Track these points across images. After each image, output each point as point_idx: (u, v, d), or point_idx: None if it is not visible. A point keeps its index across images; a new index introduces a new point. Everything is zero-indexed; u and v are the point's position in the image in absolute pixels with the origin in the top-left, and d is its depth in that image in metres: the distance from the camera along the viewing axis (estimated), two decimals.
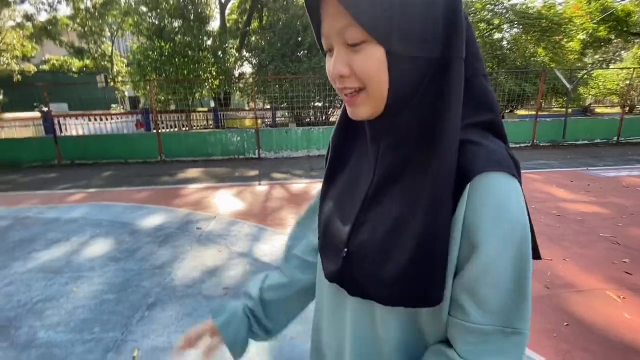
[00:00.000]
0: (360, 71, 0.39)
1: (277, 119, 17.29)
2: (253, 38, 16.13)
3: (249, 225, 3.86)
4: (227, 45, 14.90)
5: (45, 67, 26.24)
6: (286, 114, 15.15)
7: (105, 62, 25.63)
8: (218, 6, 16.48)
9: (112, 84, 25.90)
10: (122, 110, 23.43)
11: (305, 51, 12.44)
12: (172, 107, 15.42)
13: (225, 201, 4.89)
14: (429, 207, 0.38)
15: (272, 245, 3.28)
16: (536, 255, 0.43)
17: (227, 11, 17.42)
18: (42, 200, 5.23)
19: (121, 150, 8.91)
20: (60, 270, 2.87)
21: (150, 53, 13.88)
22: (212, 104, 18.31)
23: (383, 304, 0.43)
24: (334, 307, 0.52)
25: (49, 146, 8.86)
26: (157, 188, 5.91)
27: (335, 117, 11.45)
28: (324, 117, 12.62)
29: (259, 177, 6.58)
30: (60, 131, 11.41)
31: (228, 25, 17.33)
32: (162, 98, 14.88)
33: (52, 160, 8.79)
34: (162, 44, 13.85)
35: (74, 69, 25.60)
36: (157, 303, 2.36)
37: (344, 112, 0.50)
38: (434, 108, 0.39)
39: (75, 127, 13.01)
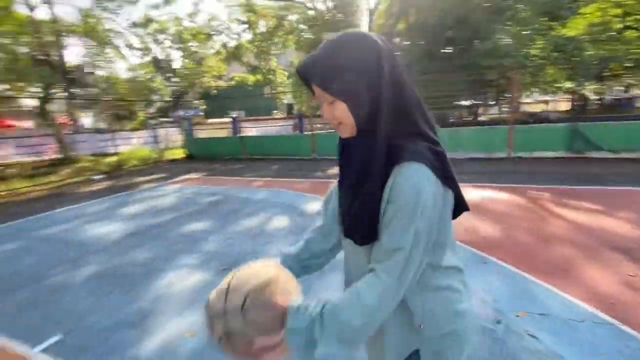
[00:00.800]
0: (337, 116, 0.70)
1: None
2: (397, 40, 16.36)
3: None
4: None
5: (232, 82, 33.87)
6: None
7: (271, 76, 31.08)
8: (367, 14, 17.46)
9: (274, 93, 31.17)
10: (281, 115, 27.93)
11: (456, 47, 11.74)
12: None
13: None
14: (369, 182, 0.67)
15: None
16: (464, 207, 0.75)
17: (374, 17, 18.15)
18: (237, 184, 6.98)
19: (285, 148, 10.77)
20: (259, 234, 3.87)
21: None
22: None
23: (357, 244, 0.72)
24: (346, 251, 0.86)
25: (237, 144, 11.58)
26: (314, 181, 6.92)
27: (484, 117, 10.37)
28: (472, 117, 11.61)
29: None
30: (241, 132, 14.72)
31: (376, 30, 18.06)
32: (314, 104, 16.96)
33: (239, 154, 11.47)
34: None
35: (249, 83, 32.14)
36: (330, 269, 2.90)
37: None
38: (374, 128, 0.67)
39: (250, 129, 16.35)
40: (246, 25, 26.47)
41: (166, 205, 5.55)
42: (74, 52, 14.60)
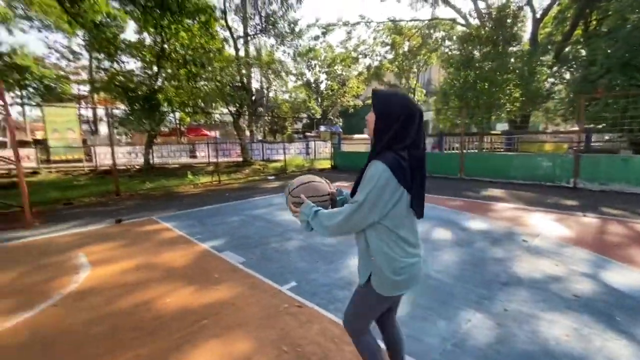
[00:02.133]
0: (369, 127, 1.39)
1: (592, 143, 13.94)
2: (568, 49, 13.98)
3: (586, 252, 3.70)
4: (538, 63, 13.90)
5: (369, 101, 35.75)
6: (611, 137, 11.92)
7: (410, 94, 31.32)
8: (531, 24, 15.66)
9: None
10: None
11: None
12: (457, 129, 16.29)
13: (545, 224, 4.85)
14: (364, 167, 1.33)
15: (623, 276, 3.02)
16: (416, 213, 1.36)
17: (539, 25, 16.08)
18: None
19: (428, 167, 10.78)
20: (423, 241, 4.19)
21: (456, 82, 15.54)
22: (493, 126, 17.57)
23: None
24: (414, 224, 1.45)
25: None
26: (468, 200, 6.78)
27: None
28: None
29: (582, 208, 5.84)
30: None
31: (539, 40, 15.96)
32: (459, 122, 16.24)
33: None
34: (468, 72, 15.08)
35: None
36: (509, 283, 2.97)
37: None
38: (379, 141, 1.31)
39: None
40: (389, 47, 27.66)
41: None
42: (255, 78, 18.87)
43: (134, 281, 3.17)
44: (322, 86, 27.81)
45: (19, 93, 21.58)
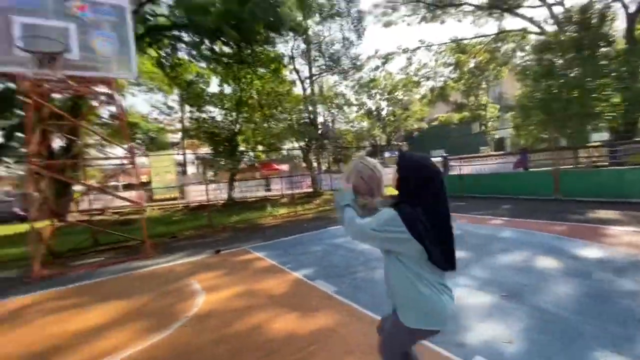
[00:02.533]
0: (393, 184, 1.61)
1: None
2: None
3: None
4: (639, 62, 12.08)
5: (435, 123, 34.49)
6: None
7: (481, 111, 29.52)
8: (625, 20, 13.86)
9: (485, 129, 29.18)
10: (490, 152, 25.61)
11: None
12: (543, 144, 14.62)
13: None
14: None
15: None
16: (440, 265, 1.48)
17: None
18: (470, 221, 7.06)
19: (512, 187, 9.88)
20: (528, 270, 3.84)
21: (537, 94, 14.27)
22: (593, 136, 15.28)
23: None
24: None
25: (455, 182, 11.68)
26: (572, 224, 5.99)
27: None
28: None
29: None
30: (450, 170, 14.72)
31: (637, 36, 13.94)
32: (546, 136, 14.69)
33: (457, 192, 11.50)
34: (552, 81, 13.77)
35: (454, 121, 31.72)
36: None
37: None
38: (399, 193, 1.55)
39: (460, 167, 15.91)
40: (453, 67, 26.90)
41: None
42: (320, 113, 20.01)
43: (243, 306, 3.52)
44: (384, 113, 27.96)
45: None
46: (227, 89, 17.96)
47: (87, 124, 9.87)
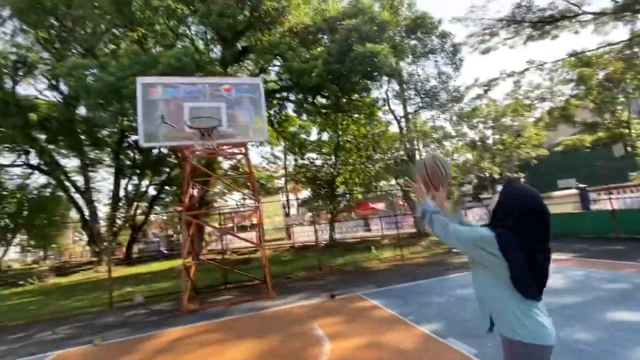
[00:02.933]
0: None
1: None
2: None
3: None
4: None
5: (558, 148, 29.43)
6: None
7: (622, 129, 24.04)
8: None
9: (633, 150, 23.48)
10: None
11: None
12: None
13: None
14: None
15: None
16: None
17: None
18: (631, 270, 5.48)
19: None
20: None
21: None
22: None
23: None
24: None
25: (604, 219, 9.43)
26: None
27: None
28: None
29: None
30: (590, 204, 11.95)
31: None
32: None
33: (608, 232, 9.20)
34: None
35: (586, 144, 26.49)
36: None
37: None
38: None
39: (604, 201, 12.87)
40: (575, 83, 23.23)
41: (560, 286, 5.28)
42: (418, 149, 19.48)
43: (371, 359, 3.37)
44: (490, 142, 25.38)
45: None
46: (325, 136, 19.35)
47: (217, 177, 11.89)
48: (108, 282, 8.42)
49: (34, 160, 21.63)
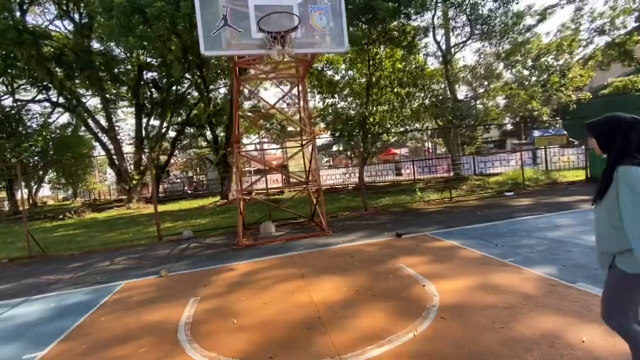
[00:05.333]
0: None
1: None
2: None
3: None
4: None
5: (605, 91, 26.78)
6: None
7: None
8: None
9: None
10: None
11: None
12: None
13: None
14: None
15: None
16: None
17: None
18: None
19: None
20: None
21: None
22: None
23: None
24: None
25: None
26: None
27: None
28: None
29: None
30: None
31: None
32: None
33: None
34: None
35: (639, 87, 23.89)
36: None
37: None
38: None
39: None
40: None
41: None
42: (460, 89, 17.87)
43: (496, 303, 2.94)
44: (531, 81, 23.12)
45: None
46: (354, 75, 17.77)
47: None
48: (153, 217, 8.28)
49: (54, 97, 21.06)
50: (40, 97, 21.61)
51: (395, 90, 15.96)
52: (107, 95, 20.80)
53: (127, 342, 2.92)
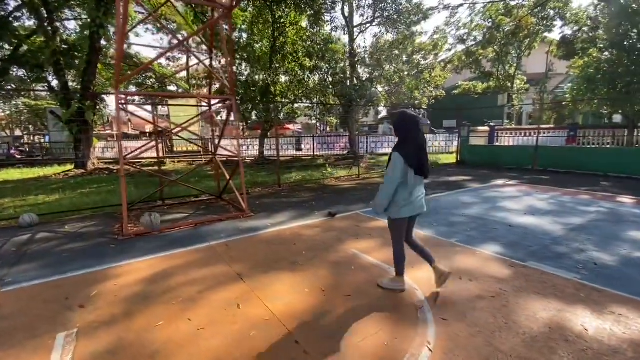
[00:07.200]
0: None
1: None
2: None
3: None
4: None
5: (456, 91, 32.97)
6: None
7: (507, 82, 28.17)
8: None
9: (512, 102, 28.09)
10: (525, 125, 24.78)
11: None
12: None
13: None
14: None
15: None
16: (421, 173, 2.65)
17: None
18: (581, 196, 6.38)
19: (599, 165, 9.29)
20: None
21: (604, 67, 13.25)
22: None
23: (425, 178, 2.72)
24: (418, 182, 2.66)
25: (526, 154, 10.91)
26: None
27: None
28: None
29: None
30: (497, 141, 13.96)
31: None
32: (606, 112, 13.94)
33: (527, 164, 10.79)
34: (622, 54, 12.73)
35: (478, 91, 30.36)
36: None
37: None
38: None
39: (506, 139, 15.09)
40: (488, 29, 25.31)
41: (546, 208, 5.62)
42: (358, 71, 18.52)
43: (480, 292, 2.73)
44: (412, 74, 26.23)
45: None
46: (257, 36, 16.05)
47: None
48: None
49: None
50: None
51: (300, 61, 15.18)
52: None
53: None
